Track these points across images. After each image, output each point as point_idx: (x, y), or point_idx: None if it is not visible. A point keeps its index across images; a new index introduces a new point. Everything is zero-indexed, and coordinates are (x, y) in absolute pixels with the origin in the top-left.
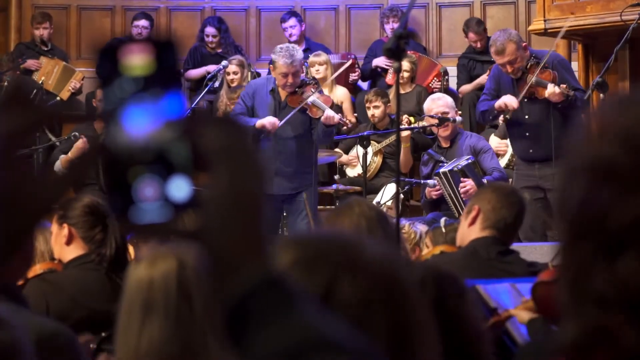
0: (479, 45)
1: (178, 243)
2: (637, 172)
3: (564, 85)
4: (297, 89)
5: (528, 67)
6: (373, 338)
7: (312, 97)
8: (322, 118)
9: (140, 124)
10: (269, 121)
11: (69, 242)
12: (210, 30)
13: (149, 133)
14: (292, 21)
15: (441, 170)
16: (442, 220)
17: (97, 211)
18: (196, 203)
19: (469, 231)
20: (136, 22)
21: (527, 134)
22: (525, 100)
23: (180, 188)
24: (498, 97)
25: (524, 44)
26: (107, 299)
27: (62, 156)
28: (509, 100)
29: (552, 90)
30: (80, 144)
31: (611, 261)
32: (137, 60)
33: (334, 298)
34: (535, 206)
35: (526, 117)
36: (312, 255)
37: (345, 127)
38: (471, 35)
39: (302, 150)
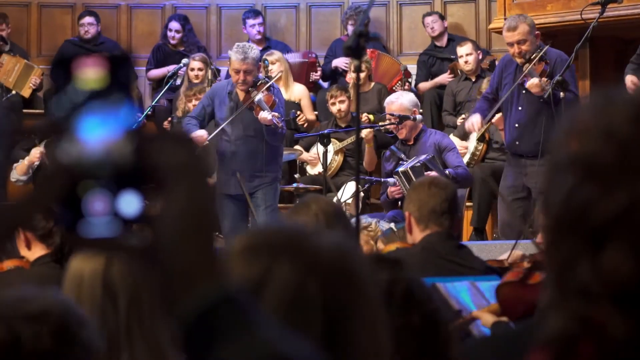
0: (435, 29)
1: (128, 258)
2: (618, 168)
3: (545, 79)
4: (250, 89)
5: (533, 57)
6: (307, 325)
7: (258, 97)
8: (258, 118)
9: (93, 136)
10: (196, 135)
11: (28, 246)
12: (174, 25)
13: (102, 146)
14: (260, 19)
15: (400, 169)
16: (392, 224)
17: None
18: (146, 219)
19: (413, 238)
20: (82, 21)
21: (517, 125)
22: (524, 91)
23: (130, 203)
24: (495, 99)
25: (537, 32)
26: None
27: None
28: (471, 122)
29: (532, 81)
30: (37, 153)
31: (595, 254)
32: (91, 74)
33: (272, 280)
34: (515, 205)
35: (519, 108)
36: (259, 242)
37: (279, 129)
38: (427, 20)
39: (256, 149)
